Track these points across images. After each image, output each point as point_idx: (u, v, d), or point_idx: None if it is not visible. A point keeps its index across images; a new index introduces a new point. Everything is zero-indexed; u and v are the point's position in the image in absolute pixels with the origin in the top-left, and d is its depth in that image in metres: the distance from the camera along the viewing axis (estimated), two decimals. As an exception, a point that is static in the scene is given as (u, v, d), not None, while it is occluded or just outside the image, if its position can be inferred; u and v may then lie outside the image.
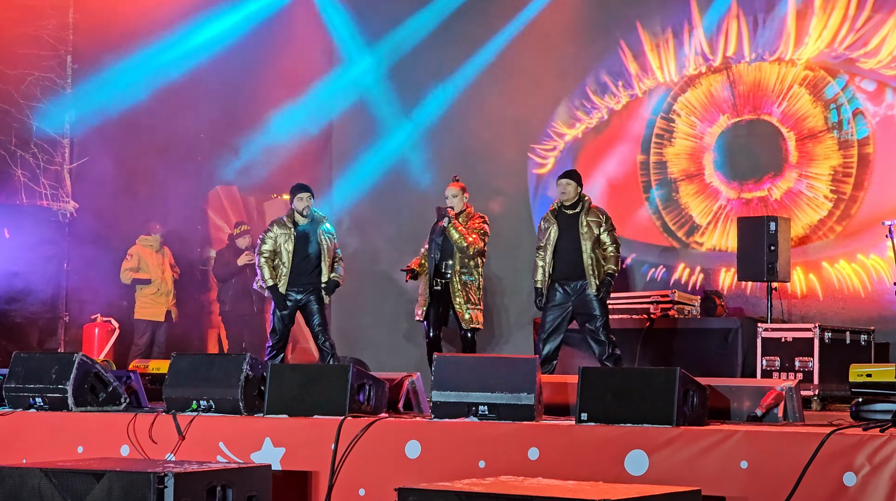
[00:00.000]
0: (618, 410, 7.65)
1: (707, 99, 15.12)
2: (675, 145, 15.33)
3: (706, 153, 15.06)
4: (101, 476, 7.16)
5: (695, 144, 15.16)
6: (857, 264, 14.04)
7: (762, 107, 14.72)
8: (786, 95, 14.57)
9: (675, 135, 15.35)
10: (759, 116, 14.75)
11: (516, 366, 8.22)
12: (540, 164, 16.24)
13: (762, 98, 14.73)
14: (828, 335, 12.04)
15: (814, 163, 14.39)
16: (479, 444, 7.85)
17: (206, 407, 8.95)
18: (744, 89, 14.86)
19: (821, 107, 14.41)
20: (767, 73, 14.73)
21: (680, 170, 15.27)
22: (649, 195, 15.40)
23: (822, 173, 14.34)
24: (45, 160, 14.99)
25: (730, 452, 7.14)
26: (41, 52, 14.95)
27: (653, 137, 15.47)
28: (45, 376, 9.48)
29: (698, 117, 15.16)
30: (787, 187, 14.49)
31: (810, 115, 14.45)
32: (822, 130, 14.37)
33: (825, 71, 14.38)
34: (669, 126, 15.38)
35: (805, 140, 14.43)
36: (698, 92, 15.20)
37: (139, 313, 15.24)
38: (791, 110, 14.54)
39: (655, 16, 15.48)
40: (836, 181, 14.24)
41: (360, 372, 8.68)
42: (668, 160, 15.35)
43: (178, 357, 9.40)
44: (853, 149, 14.17)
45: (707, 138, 15.07)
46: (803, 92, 14.50)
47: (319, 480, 8.25)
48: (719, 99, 15.03)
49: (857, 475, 6.79)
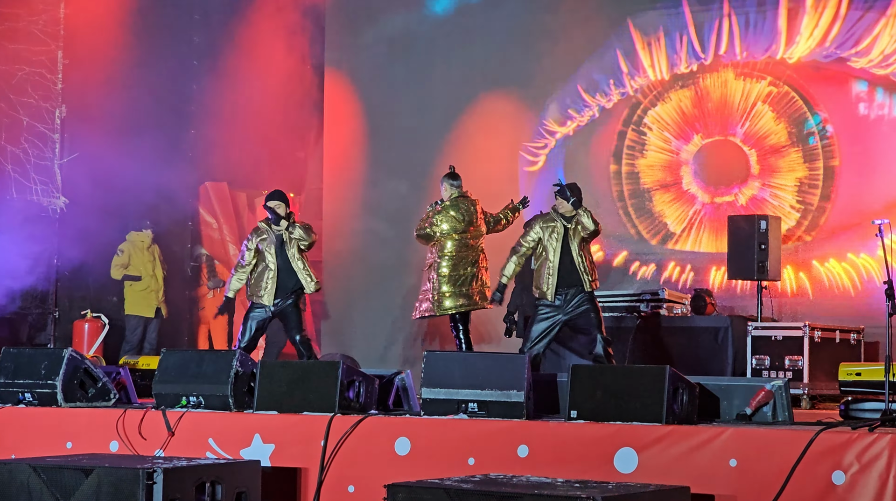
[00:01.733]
0: (607, 408, 7.66)
1: (679, 115, 15.22)
2: (648, 157, 15.42)
3: (683, 166, 15.17)
4: (90, 472, 7.16)
5: (671, 158, 15.26)
6: (847, 263, 14.06)
7: (728, 129, 14.87)
8: (749, 114, 14.70)
9: (646, 148, 15.44)
10: (725, 137, 14.91)
11: (506, 364, 8.22)
12: (531, 162, 16.23)
13: (728, 117, 14.88)
14: (817, 334, 12.04)
15: (777, 174, 14.52)
16: (468, 441, 7.85)
17: (195, 403, 8.95)
18: (711, 107, 15.01)
19: (784, 123, 14.52)
20: (733, 89, 14.85)
21: (654, 181, 15.38)
22: (623, 204, 15.50)
23: (787, 184, 14.45)
24: (36, 155, 14.97)
25: (719, 450, 7.15)
26: (32, 47, 14.93)
27: (624, 149, 15.58)
28: (34, 371, 9.47)
29: (672, 133, 15.26)
30: (751, 194, 14.59)
31: (772, 133, 14.57)
32: (786, 145, 14.50)
33: (789, 85, 14.53)
34: (641, 139, 15.47)
35: (767, 155, 14.57)
36: (668, 107, 15.29)
37: (129, 309, 15.22)
38: (753, 129, 14.68)
39: (647, 14, 15.49)
40: (802, 192, 14.36)
41: (350, 368, 8.68)
42: (640, 171, 15.44)
43: (167, 353, 9.40)
44: (818, 161, 14.29)
45: (684, 154, 15.17)
46: (766, 109, 14.62)
47: (309, 476, 8.25)
48: (691, 116, 15.15)
49: (845, 473, 6.80)
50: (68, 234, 15.04)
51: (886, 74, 14.03)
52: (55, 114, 15.17)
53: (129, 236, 15.27)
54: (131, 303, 15.23)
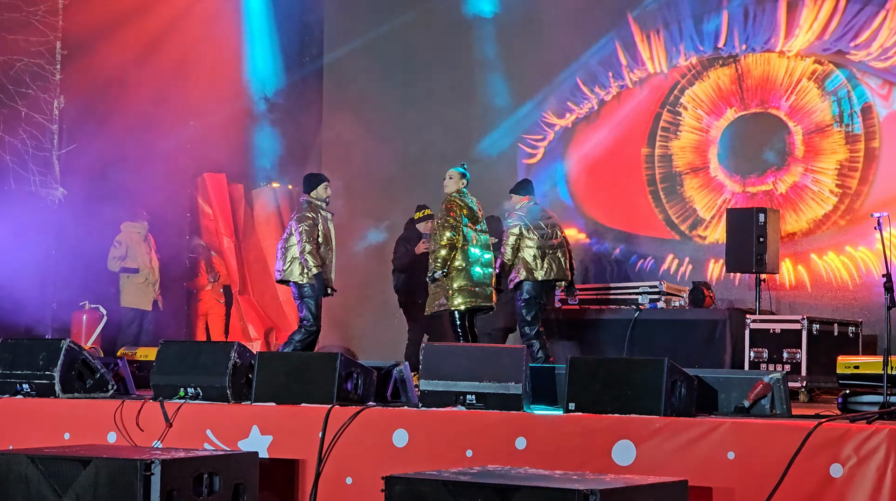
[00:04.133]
0: (606, 400, 7.66)
1: (714, 92, 15.11)
2: (682, 138, 15.32)
3: (711, 146, 15.07)
4: (88, 463, 7.15)
5: (700, 138, 15.17)
6: (845, 256, 14.06)
7: (770, 101, 14.72)
8: (794, 89, 14.57)
9: (681, 129, 15.34)
10: (766, 110, 14.76)
11: (504, 356, 8.22)
12: (530, 155, 16.23)
13: (770, 92, 14.73)
14: (816, 327, 12.05)
15: (820, 157, 14.39)
16: (466, 433, 7.85)
17: (193, 394, 8.95)
18: (752, 83, 14.87)
19: (829, 101, 14.41)
20: (776, 66, 14.72)
21: (685, 164, 15.27)
22: (653, 188, 15.40)
23: (828, 167, 14.35)
24: (34, 146, 14.95)
25: (717, 443, 7.15)
26: (30, 37, 14.90)
27: (658, 130, 15.46)
28: (32, 362, 9.46)
29: (705, 110, 15.15)
30: (792, 181, 14.50)
31: (818, 110, 14.46)
32: (829, 124, 14.38)
33: (834, 65, 14.39)
34: (676, 119, 15.37)
35: (812, 134, 14.45)
36: (706, 85, 15.18)
37: (126, 301, 15.18)
38: (799, 104, 14.54)
39: (647, 7, 15.48)
40: (842, 175, 14.26)
41: (349, 360, 8.67)
42: (673, 153, 15.35)
43: (166, 344, 9.40)
44: (860, 143, 14.19)
45: (713, 131, 15.07)
46: (812, 86, 14.50)
47: (307, 468, 8.25)
48: (727, 92, 15.02)
49: (843, 466, 6.80)
50: (66, 225, 15.02)
51: (885, 67, 14.02)
52: (53, 106, 15.15)
53: (125, 227, 15.22)
54: (128, 296, 15.19)
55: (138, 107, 15.68)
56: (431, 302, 11.99)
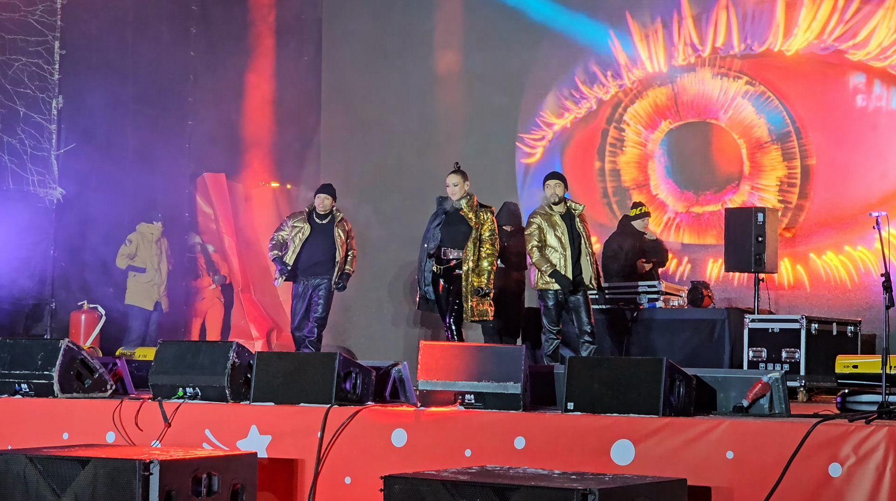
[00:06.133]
0: (604, 400, 7.65)
1: (652, 108, 15.29)
2: (626, 153, 15.53)
3: (650, 161, 15.27)
4: (87, 463, 7.15)
5: (641, 152, 15.36)
6: (844, 256, 14.07)
7: (707, 114, 14.93)
8: (730, 106, 14.77)
9: (625, 145, 15.53)
10: (703, 119, 14.96)
11: (503, 355, 8.22)
12: (528, 154, 16.23)
13: (706, 106, 14.95)
14: (814, 326, 12.04)
15: (763, 174, 14.60)
16: (465, 433, 7.85)
17: (192, 394, 8.94)
18: (686, 99, 15.08)
19: (764, 118, 14.58)
20: (710, 86, 14.92)
21: (631, 179, 15.46)
22: (607, 200, 15.55)
23: (769, 184, 14.53)
24: (33, 146, 14.94)
25: (716, 442, 7.15)
26: (29, 37, 14.90)
27: (606, 146, 15.65)
28: (30, 362, 9.46)
29: (643, 125, 15.36)
30: (741, 201, 14.63)
31: (755, 125, 14.64)
32: (767, 142, 14.56)
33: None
34: (620, 135, 15.54)
35: (754, 150, 14.66)
36: (644, 103, 15.37)
37: (130, 299, 15.19)
38: (737, 118, 14.75)
39: (645, 6, 15.49)
40: (783, 191, 14.44)
41: (347, 360, 8.67)
42: (620, 169, 15.49)
43: (164, 344, 9.39)
44: (796, 160, 14.39)
45: (650, 145, 15.28)
46: (746, 103, 14.71)
47: (305, 468, 8.25)
48: (663, 107, 15.22)
49: (842, 466, 6.80)
50: (65, 225, 15.02)
51: (884, 67, 14.03)
52: (52, 105, 15.14)
53: (140, 227, 15.26)
54: (132, 294, 15.21)
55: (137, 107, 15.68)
56: None
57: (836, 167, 14.37)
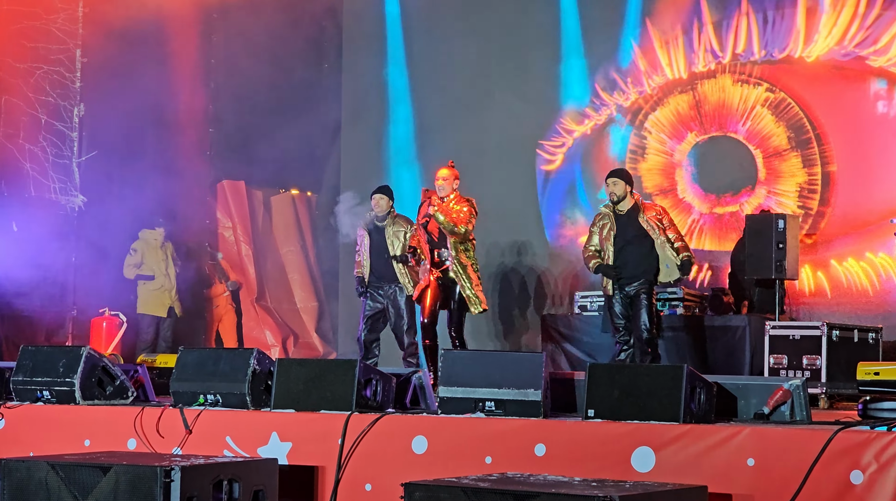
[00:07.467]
0: (625, 407, 7.64)
1: (675, 117, 15.27)
2: (648, 160, 15.52)
3: (678, 169, 15.24)
4: (108, 470, 7.17)
5: (666, 160, 15.34)
6: (865, 262, 14.03)
7: (727, 126, 14.90)
8: (749, 115, 14.76)
9: (647, 152, 15.52)
10: (725, 133, 14.96)
11: (524, 362, 8.21)
12: (548, 161, 16.23)
13: (727, 117, 14.94)
14: (835, 333, 12.01)
15: (780, 180, 14.58)
16: (485, 440, 7.85)
17: (213, 401, 8.95)
18: (709, 108, 15.06)
19: (783, 126, 14.57)
20: (731, 93, 14.92)
21: (654, 185, 15.47)
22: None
23: (788, 190, 14.52)
24: (54, 154, 15.01)
25: (736, 449, 7.14)
26: (50, 45, 14.98)
27: (627, 152, 15.63)
28: (52, 369, 9.48)
29: (667, 134, 15.33)
30: (757, 203, 14.62)
31: (774, 135, 14.63)
32: (786, 149, 14.56)
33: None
34: (642, 142, 15.54)
35: (771, 158, 14.62)
36: (666, 110, 15.36)
37: (141, 308, 15.22)
38: (755, 128, 14.72)
39: (665, 13, 15.48)
40: (802, 197, 14.42)
41: (367, 367, 8.68)
42: (641, 175, 15.50)
43: (185, 351, 9.40)
44: (817, 167, 14.38)
45: (677, 155, 15.25)
46: (766, 112, 14.70)
47: (326, 475, 8.25)
48: (686, 117, 15.21)
49: (864, 473, 6.78)
50: (86, 232, 15.08)
51: (902, 71, 14.02)
52: (73, 113, 15.21)
53: (142, 234, 15.27)
54: (144, 303, 15.23)
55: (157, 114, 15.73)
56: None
57: (856, 174, 14.34)
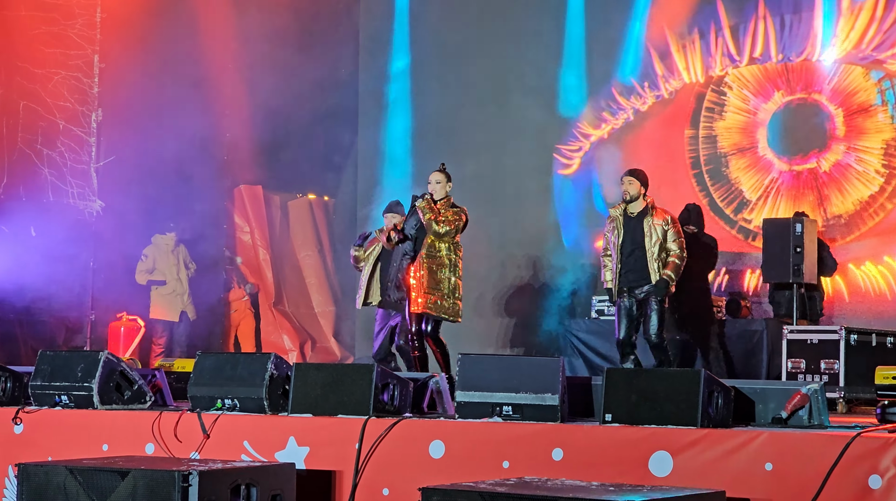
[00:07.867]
0: (642, 411, 7.63)
1: (760, 73, 15.09)
2: (727, 119, 15.34)
3: (760, 128, 15.05)
4: (126, 474, 7.18)
5: (748, 119, 15.16)
6: (883, 266, 14.00)
7: (813, 85, 14.68)
8: (837, 70, 14.57)
9: (725, 110, 15.35)
10: (809, 95, 14.76)
11: (541, 367, 8.21)
12: (565, 165, 16.22)
13: (813, 73, 14.72)
14: (853, 337, 11.99)
15: (864, 136, 14.36)
16: (503, 444, 7.84)
17: (230, 405, 8.96)
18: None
19: (872, 82, 14.39)
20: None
21: (731, 145, 15.28)
22: (698, 171, 15.40)
23: (873, 147, 14.31)
24: (72, 159, 15.06)
25: (754, 454, 7.12)
26: (68, 51, 15.02)
27: (702, 111, 15.46)
28: (70, 374, 9.50)
29: (751, 91, 15.14)
30: (834, 160, 14.45)
31: (861, 90, 14.43)
32: (874, 105, 14.36)
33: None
34: (721, 100, 15.36)
35: (854, 115, 14.42)
36: (749, 70, 15.21)
37: (154, 313, 15.25)
38: (841, 85, 14.51)
39: (682, 16, 15.46)
40: (889, 155, 14.23)
41: (385, 371, 8.68)
42: (717, 134, 15.35)
43: (203, 355, 9.42)
44: None
45: (761, 114, 15.05)
46: (855, 67, 14.50)
47: (343, 479, 8.26)
48: (773, 72, 14.99)
49: (882, 477, 6.76)
50: (104, 237, 15.12)
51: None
52: (91, 118, 15.25)
53: (154, 239, 15.31)
54: (156, 308, 15.25)
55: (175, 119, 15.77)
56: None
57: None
